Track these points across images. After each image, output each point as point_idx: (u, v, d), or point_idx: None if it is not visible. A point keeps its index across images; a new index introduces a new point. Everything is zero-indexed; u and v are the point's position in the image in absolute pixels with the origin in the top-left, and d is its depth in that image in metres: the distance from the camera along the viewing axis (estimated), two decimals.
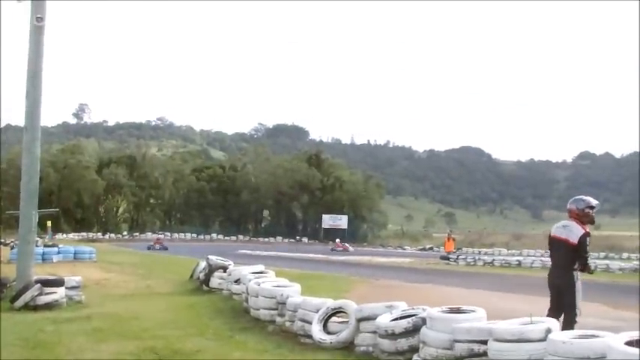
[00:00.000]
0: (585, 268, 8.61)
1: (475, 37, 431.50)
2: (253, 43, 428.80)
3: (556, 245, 8.90)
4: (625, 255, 47.13)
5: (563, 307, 8.63)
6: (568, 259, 8.66)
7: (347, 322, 9.32)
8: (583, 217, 8.74)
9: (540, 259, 38.44)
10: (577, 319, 8.46)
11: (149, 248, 53.42)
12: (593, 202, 8.89)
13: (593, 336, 6.12)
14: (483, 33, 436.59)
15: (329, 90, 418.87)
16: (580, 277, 8.64)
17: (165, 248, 54.05)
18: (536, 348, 6.30)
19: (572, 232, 8.65)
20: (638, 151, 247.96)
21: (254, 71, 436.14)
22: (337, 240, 68.60)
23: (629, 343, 5.58)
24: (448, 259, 38.46)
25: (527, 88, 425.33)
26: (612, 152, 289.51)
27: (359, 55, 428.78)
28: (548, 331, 6.39)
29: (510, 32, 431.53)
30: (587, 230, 8.62)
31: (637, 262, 35.59)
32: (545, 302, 8.81)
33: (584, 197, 8.97)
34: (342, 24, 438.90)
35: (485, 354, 6.80)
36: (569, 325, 8.31)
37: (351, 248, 61.64)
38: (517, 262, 36.38)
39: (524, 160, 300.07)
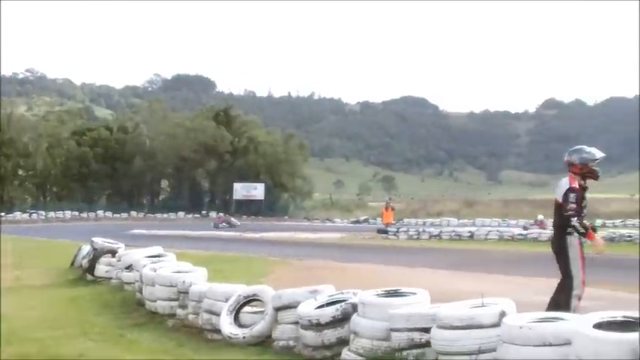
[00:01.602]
0: (573, 228, 8.62)
1: None
2: None
3: (554, 206, 9.04)
4: (599, 222, 48.28)
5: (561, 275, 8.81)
6: (559, 219, 8.87)
7: (263, 312, 9.32)
8: (585, 169, 8.87)
9: (497, 229, 39.15)
10: (576, 291, 8.61)
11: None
12: (598, 154, 8.97)
13: (556, 318, 6.21)
14: None
15: (240, 34, 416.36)
16: (577, 240, 8.71)
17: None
18: (488, 335, 6.36)
19: (560, 187, 8.86)
20: (615, 96, 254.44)
21: (147, 13, 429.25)
22: (220, 214, 69.23)
23: (599, 326, 5.68)
24: (386, 232, 38.79)
25: (481, 29, 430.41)
26: (583, 99, 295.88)
27: None
28: (503, 314, 6.45)
29: None
30: (576, 185, 8.73)
31: (613, 231, 36.43)
32: (502, 280, 8.95)
33: (584, 148, 9.08)
34: None
35: (428, 344, 6.86)
36: (565, 295, 8.56)
37: (237, 222, 61.98)
38: (469, 234, 36.91)
39: (477, 111, 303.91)
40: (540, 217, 41.09)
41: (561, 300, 8.58)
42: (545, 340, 5.82)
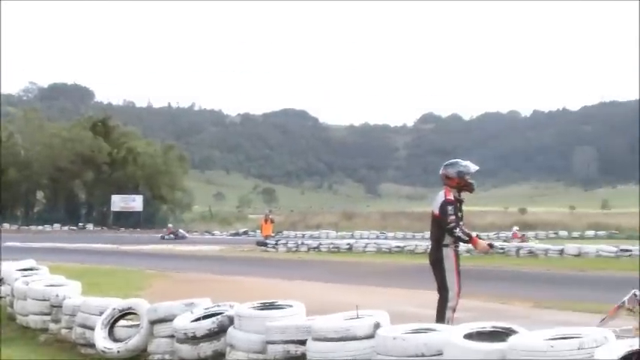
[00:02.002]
0: (457, 239, 8.79)
1: None
2: None
3: (431, 219, 9.16)
4: (474, 234, 49.44)
5: (437, 287, 8.94)
6: (436, 232, 9.01)
7: (138, 325, 9.19)
8: (462, 183, 9.04)
9: (375, 241, 39.56)
10: (451, 302, 8.75)
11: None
12: (472, 167, 9.17)
13: (429, 329, 6.32)
14: None
15: (119, 44, 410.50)
16: (453, 253, 8.90)
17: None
18: (363, 346, 6.43)
19: (436, 200, 9.00)
20: (490, 111, 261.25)
21: (22, 17, 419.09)
22: (170, 225, 67.35)
23: (469, 336, 5.82)
24: (266, 244, 38.78)
25: (360, 42, 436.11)
26: (460, 114, 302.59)
27: (156, 6, 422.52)
28: (377, 325, 6.53)
29: None
30: (451, 197, 8.88)
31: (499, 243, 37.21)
32: (378, 291, 9.08)
33: (460, 161, 9.26)
34: None
35: (303, 356, 6.87)
36: (441, 307, 8.72)
37: (186, 234, 61.08)
38: (348, 247, 37.16)
39: (357, 124, 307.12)
40: (515, 228, 41.28)
41: (439, 311, 8.76)
42: (418, 351, 5.91)
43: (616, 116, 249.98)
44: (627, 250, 30.71)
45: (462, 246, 9.10)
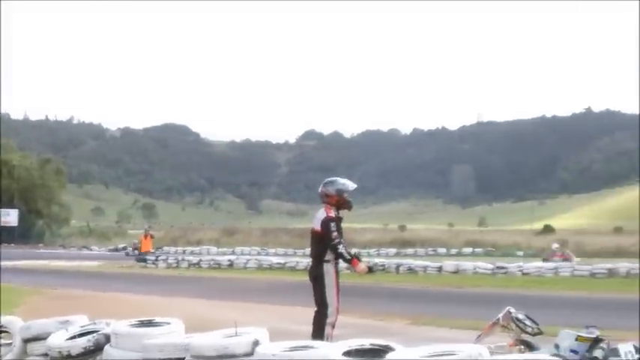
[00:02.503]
0: (339, 256, 8.91)
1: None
2: None
3: (311, 235, 9.23)
4: (354, 250, 49.84)
5: (315, 303, 9.00)
6: (316, 248, 9.08)
7: (10, 344, 8.92)
8: (341, 200, 9.17)
9: (256, 258, 39.48)
10: (330, 318, 8.86)
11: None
12: (351, 185, 9.33)
13: (307, 347, 6.33)
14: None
15: None
16: (334, 269, 9.03)
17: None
18: None
19: (317, 218, 9.11)
20: (370, 129, 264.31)
21: None
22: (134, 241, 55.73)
23: (348, 353, 5.86)
24: (145, 260, 38.30)
25: (242, 60, 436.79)
26: (341, 131, 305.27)
27: (27, 16, 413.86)
28: (256, 343, 6.50)
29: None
30: (332, 214, 9.01)
31: (368, 259, 37.59)
32: (258, 308, 9.06)
33: (338, 179, 9.40)
34: None
35: None
36: (319, 324, 8.79)
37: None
38: (229, 263, 37.01)
39: (238, 140, 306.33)
40: (555, 245, 40.50)
41: (317, 328, 8.80)
42: None
43: (492, 136, 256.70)
44: (503, 268, 31.45)
45: (342, 263, 9.16)
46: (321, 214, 9.07)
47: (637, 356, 6.73)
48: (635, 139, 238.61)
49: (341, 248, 8.85)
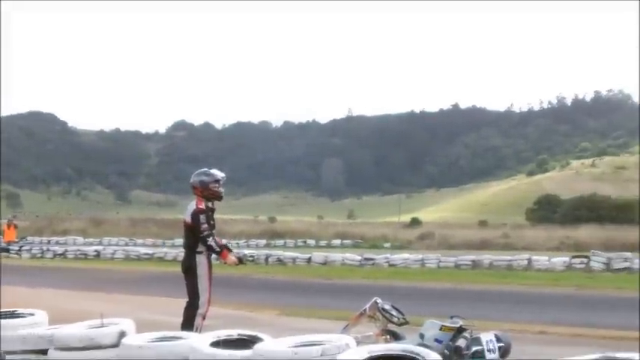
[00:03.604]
0: (208, 248, 8.93)
1: None
2: None
3: (184, 227, 9.25)
4: (224, 241, 49.67)
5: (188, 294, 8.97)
6: (188, 240, 9.12)
7: None
8: (206, 192, 9.17)
9: (123, 248, 38.96)
10: (201, 309, 8.85)
11: None
12: (219, 175, 9.34)
13: (175, 337, 6.28)
14: None
15: None
16: (207, 260, 9.03)
17: None
18: (108, 355, 6.31)
19: (188, 209, 9.12)
20: (242, 121, 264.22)
21: None
22: None
23: (216, 344, 5.83)
24: (8, 250, 37.36)
25: (113, 47, 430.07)
26: (212, 122, 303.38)
27: None
28: (122, 334, 6.41)
29: None
30: (203, 206, 9.02)
31: (238, 251, 37.56)
32: (125, 299, 8.94)
33: (207, 170, 9.41)
34: None
35: None
36: (190, 314, 8.79)
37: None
38: (95, 253, 36.45)
39: (107, 129, 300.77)
40: None
41: (187, 318, 8.75)
42: (163, 358, 5.85)
43: (362, 130, 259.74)
44: (370, 259, 31.91)
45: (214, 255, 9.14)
46: (192, 205, 9.08)
47: (498, 345, 6.93)
48: (500, 135, 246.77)
49: (210, 241, 8.90)
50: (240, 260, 9.66)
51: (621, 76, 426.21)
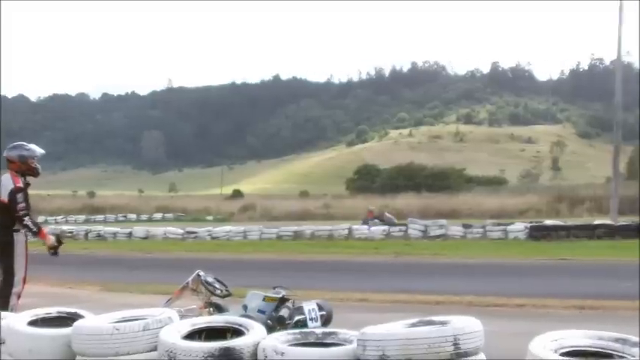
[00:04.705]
0: (25, 227, 8.61)
1: None
2: None
3: None
4: (41, 218, 48.30)
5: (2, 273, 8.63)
6: (3, 218, 8.64)
7: None
8: (24, 167, 8.79)
9: None
10: (16, 288, 8.57)
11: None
12: (38, 151, 8.94)
13: None
14: None
15: None
16: (24, 238, 8.74)
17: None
18: None
19: (3, 186, 8.65)
20: (58, 93, 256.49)
21: None
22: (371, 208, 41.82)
23: (34, 323, 5.68)
24: None
25: None
26: (27, 95, 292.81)
27: None
28: None
29: None
30: (21, 184, 8.67)
31: (55, 227, 36.61)
32: None
33: (24, 144, 8.96)
34: None
35: None
36: (4, 294, 8.46)
37: (394, 219, 39.07)
38: None
39: None
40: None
41: (1, 298, 8.47)
42: None
43: (183, 102, 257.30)
44: (193, 232, 31.91)
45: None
46: (8, 182, 8.66)
47: (320, 313, 7.07)
48: (320, 106, 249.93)
49: (27, 220, 8.59)
50: (58, 238, 9.38)
51: (436, 47, 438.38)
